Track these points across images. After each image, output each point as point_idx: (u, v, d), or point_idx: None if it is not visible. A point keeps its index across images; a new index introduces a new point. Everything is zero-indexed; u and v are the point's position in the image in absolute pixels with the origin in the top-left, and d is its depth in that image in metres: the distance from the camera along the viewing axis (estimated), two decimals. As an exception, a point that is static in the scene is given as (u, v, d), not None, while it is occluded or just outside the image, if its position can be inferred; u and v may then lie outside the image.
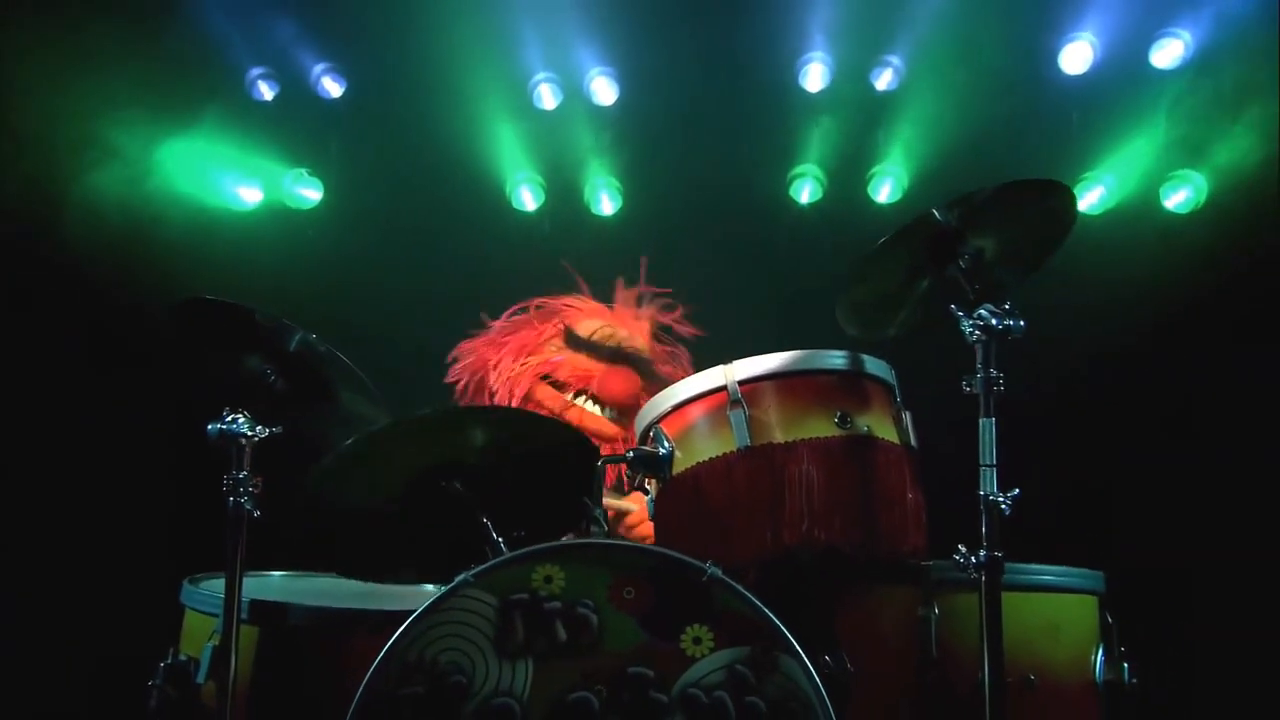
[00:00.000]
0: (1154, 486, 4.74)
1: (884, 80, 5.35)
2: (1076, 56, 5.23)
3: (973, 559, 2.58)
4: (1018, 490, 2.59)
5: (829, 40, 5.33)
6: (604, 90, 5.45)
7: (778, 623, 2.49)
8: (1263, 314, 4.80)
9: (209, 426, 2.85)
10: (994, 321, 2.62)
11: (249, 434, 2.84)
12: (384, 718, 2.47)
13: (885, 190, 5.40)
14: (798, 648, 2.48)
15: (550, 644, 2.51)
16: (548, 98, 5.45)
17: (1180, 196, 5.25)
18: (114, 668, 3.64)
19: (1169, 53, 5.16)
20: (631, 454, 2.93)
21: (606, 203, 5.57)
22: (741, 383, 2.85)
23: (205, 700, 2.83)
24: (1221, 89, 5.05)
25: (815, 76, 5.34)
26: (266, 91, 5.45)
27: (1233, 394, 4.82)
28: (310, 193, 5.58)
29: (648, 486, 2.97)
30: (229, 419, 2.84)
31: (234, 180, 5.48)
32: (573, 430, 2.97)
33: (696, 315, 5.12)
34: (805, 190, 5.48)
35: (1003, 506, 2.58)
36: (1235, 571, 4.58)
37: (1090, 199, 5.32)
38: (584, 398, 4.43)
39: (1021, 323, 2.63)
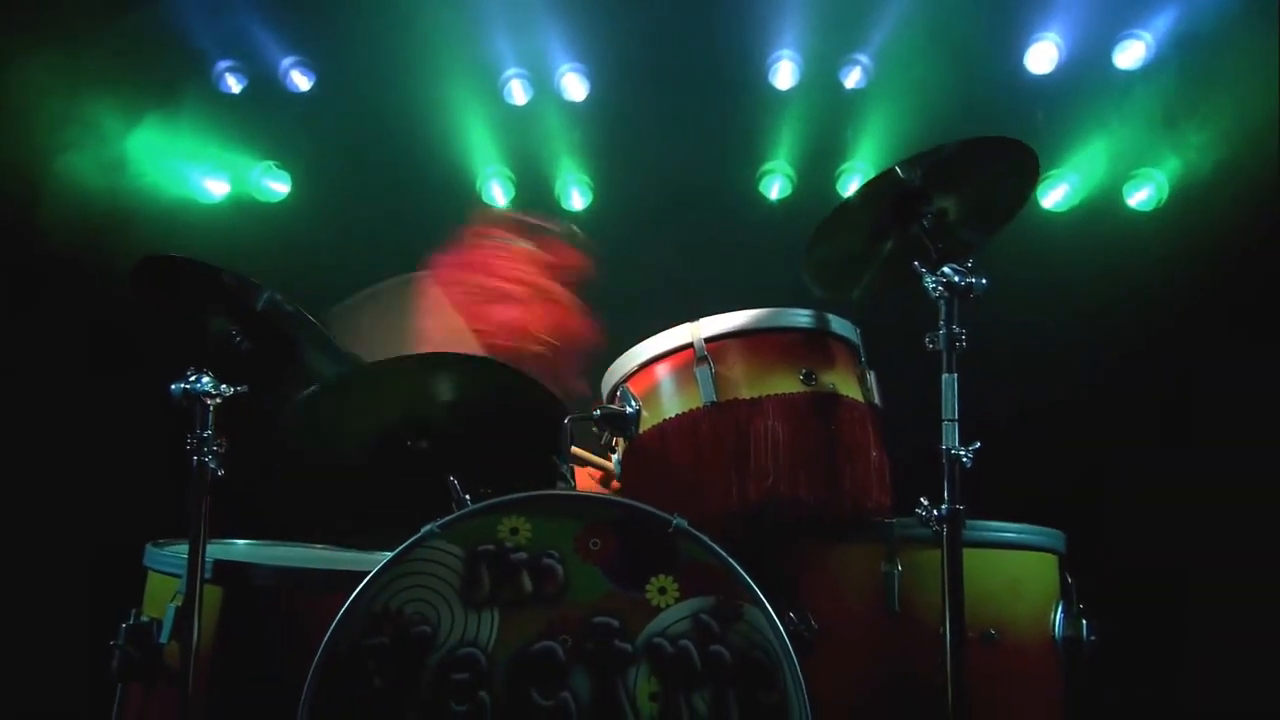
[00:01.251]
0: (1116, 461, 4.85)
1: (853, 78, 5.42)
2: (1042, 56, 5.31)
3: (934, 512, 2.60)
4: (979, 443, 2.61)
5: (799, 38, 5.39)
6: (575, 86, 5.48)
7: (742, 573, 2.50)
8: (1221, 305, 4.88)
9: (172, 386, 2.83)
10: (956, 278, 2.64)
11: (213, 393, 2.83)
12: (349, 667, 2.46)
13: (854, 187, 5.44)
14: (762, 598, 2.49)
15: (516, 594, 2.51)
16: (518, 93, 5.48)
17: (1143, 194, 5.34)
18: (76, 631, 3.61)
19: (1131, 53, 5.25)
20: (599, 413, 2.94)
21: (577, 198, 5.59)
22: (708, 340, 2.88)
23: (168, 660, 2.79)
24: (1183, 88, 5.14)
25: (785, 74, 5.40)
26: (234, 84, 5.45)
27: (1193, 378, 4.92)
28: (278, 186, 5.58)
29: (615, 445, 2.98)
30: (193, 378, 2.82)
31: (201, 173, 5.47)
32: (541, 386, 2.93)
33: (665, 311, 5.13)
34: (775, 187, 5.53)
35: (964, 460, 2.60)
36: (1195, 538, 4.65)
37: (1055, 196, 5.41)
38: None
39: (984, 280, 2.66)
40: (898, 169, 2.74)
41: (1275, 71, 4.80)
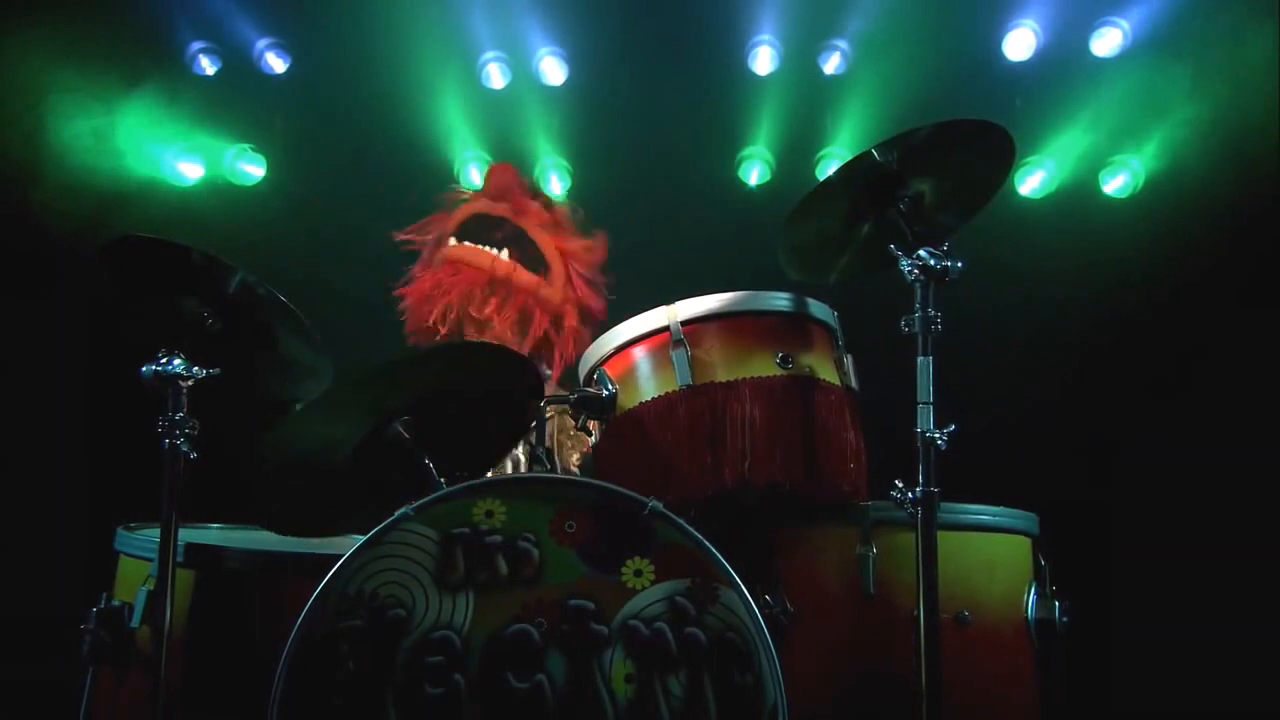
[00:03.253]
0: (1091, 445, 4.91)
1: (831, 64, 5.42)
2: (1020, 43, 5.32)
3: (909, 495, 2.61)
4: (953, 426, 2.62)
5: (778, 24, 5.38)
6: (553, 70, 5.46)
7: (717, 555, 2.50)
8: (1195, 292, 4.93)
9: (142, 368, 2.80)
10: (932, 261, 2.65)
11: (185, 375, 2.80)
12: (323, 651, 2.45)
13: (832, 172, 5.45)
14: (738, 580, 2.49)
15: (491, 577, 2.50)
16: (496, 77, 5.45)
17: (1118, 181, 5.37)
18: (46, 615, 3.58)
19: (1108, 41, 5.27)
20: (574, 396, 2.93)
21: (556, 183, 5.57)
22: (684, 323, 2.87)
23: (140, 644, 2.77)
24: (1160, 76, 5.16)
25: (764, 59, 5.40)
26: (208, 66, 5.39)
27: (1168, 363, 4.97)
28: (253, 169, 5.53)
29: (590, 428, 2.97)
30: (164, 360, 2.79)
31: (175, 155, 5.41)
32: (517, 363, 2.89)
33: (644, 296, 5.13)
34: (754, 172, 5.53)
35: (939, 443, 2.61)
36: (1170, 523, 4.69)
37: (1032, 183, 5.43)
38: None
39: (960, 263, 2.66)
40: (874, 151, 2.73)
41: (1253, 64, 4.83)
